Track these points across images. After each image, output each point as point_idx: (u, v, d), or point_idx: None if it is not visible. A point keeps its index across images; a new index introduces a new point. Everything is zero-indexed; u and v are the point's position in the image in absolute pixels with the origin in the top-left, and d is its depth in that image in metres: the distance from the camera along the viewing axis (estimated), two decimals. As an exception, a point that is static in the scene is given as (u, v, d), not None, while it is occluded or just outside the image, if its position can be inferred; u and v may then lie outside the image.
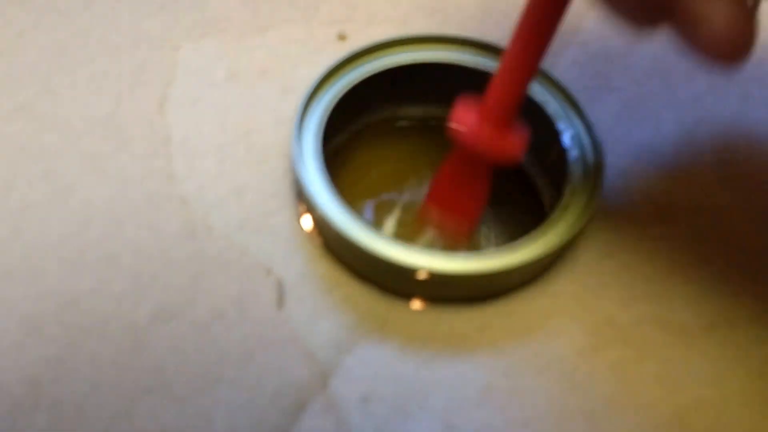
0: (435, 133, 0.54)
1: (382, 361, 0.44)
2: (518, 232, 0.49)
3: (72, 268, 0.46)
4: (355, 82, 0.51)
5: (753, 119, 0.53)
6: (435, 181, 0.49)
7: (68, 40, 0.55)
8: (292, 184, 0.49)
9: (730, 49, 0.34)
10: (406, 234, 0.51)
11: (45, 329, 0.44)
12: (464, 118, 0.44)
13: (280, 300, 0.45)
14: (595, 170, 0.48)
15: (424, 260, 0.44)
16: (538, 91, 0.50)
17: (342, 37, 0.57)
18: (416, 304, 0.46)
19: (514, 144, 0.44)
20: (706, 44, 0.34)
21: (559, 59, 0.56)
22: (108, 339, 0.44)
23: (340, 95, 0.50)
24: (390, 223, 0.51)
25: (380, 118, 0.55)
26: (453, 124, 0.44)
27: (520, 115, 0.44)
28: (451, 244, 0.50)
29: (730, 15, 0.34)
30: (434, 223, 0.50)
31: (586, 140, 0.49)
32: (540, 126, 0.49)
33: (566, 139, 0.49)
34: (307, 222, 0.48)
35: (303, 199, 0.47)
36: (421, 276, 0.44)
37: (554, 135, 0.49)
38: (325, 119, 0.49)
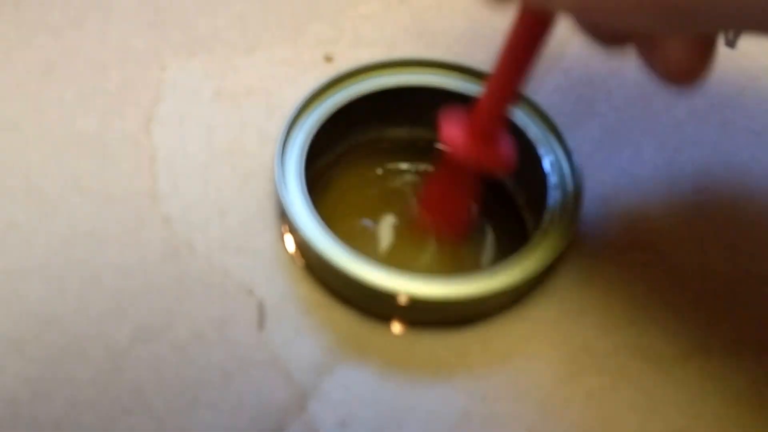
0: (420, 155, 0.54)
1: (361, 385, 0.44)
2: (502, 254, 0.49)
3: (54, 288, 0.46)
4: (341, 104, 0.51)
5: (732, 146, 0.53)
6: (426, 189, 0.50)
7: (57, 58, 0.56)
8: (276, 204, 0.50)
9: (684, 77, 0.37)
10: (403, 245, 0.51)
11: (25, 349, 0.44)
12: (453, 132, 0.45)
13: (261, 321, 0.46)
14: (574, 197, 0.48)
15: (404, 285, 0.44)
16: (519, 116, 0.51)
17: (328, 59, 0.58)
18: (396, 328, 0.46)
19: (502, 154, 0.45)
20: (662, 70, 0.37)
21: (542, 84, 0.56)
22: (88, 359, 0.44)
23: (325, 117, 0.51)
24: (386, 234, 0.51)
25: (366, 140, 0.55)
26: (443, 138, 0.45)
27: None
28: (448, 247, 0.50)
29: (682, 49, 0.36)
30: (429, 229, 0.51)
31: (565, 166, 0.49)
32: (522, 150, 0.50)
33: (546, 164, 0.49)
34: (289, 243, 0.48)
35: (285, 220, 0.48)
36: (401, 300, 0.44)
37: (536, 160, 0.50)
38: (309, 140, 0.49)
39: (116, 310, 0.45)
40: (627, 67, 0.56)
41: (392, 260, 0.49)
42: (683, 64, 0.37)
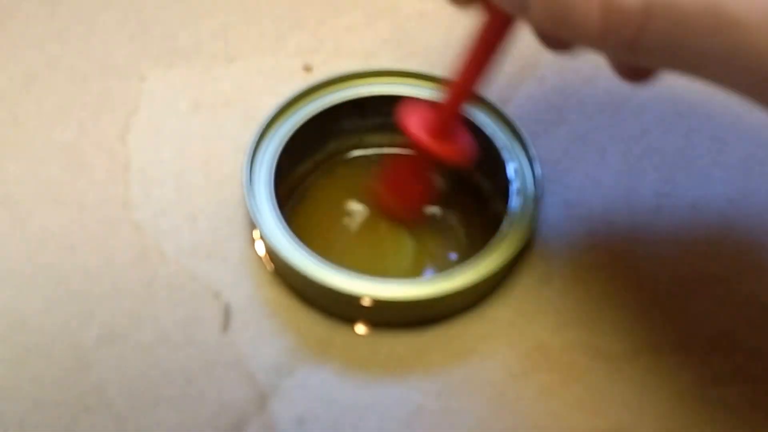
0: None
1: (321, 384, 0.45)
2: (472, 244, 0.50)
3: (22, 290, 0.47)
4: (315, 112, 0.52)
5: (696, 153, 0.54)
6: (387, 171, 0.52)
7: (39, 70, 0.57)
8: (247, 211, 0.50)
9: (631, 80, 0.41)
10: (374, 242, 0.52)
11: (-8, 349, 0.45)
12: (412, 122, 0.47)
13: (225, 324, 0.47)
14: (534, 202, 0.49)
15: (367, 287, 0.45)
16: (488, 124, 0.52)
17: (308, 69, 0.59)
18: (359, 329, 0.47)
19: (458, 147, 0.47)
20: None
21: (516, 92, 0.57)
22: (53, 358, 0.45)
23: (298, 124, 0.52)
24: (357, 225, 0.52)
25: (341, 148, 0.56)
26: (403, 128, 0.47)
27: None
28: (401, 223, 0.52)
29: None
30: (386, 210, 0.52)
31: (528, 173, 0.50)
32: (489, 156, 0.51)
33: (510, 170, 0.50)
34: (259, 247, 0.49)
35: (256, 226, 0.49)
36: (365, 302, 0.45)
37: (501, 166, 0.51)
38: (281, 148, 0.50)
39: (83, 312, 0.47)
40: (599, 76, 0.57)
41: (362, 258, 0.50)
42: (627, 75, 0.41)
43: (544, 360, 0.46)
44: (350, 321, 0.47)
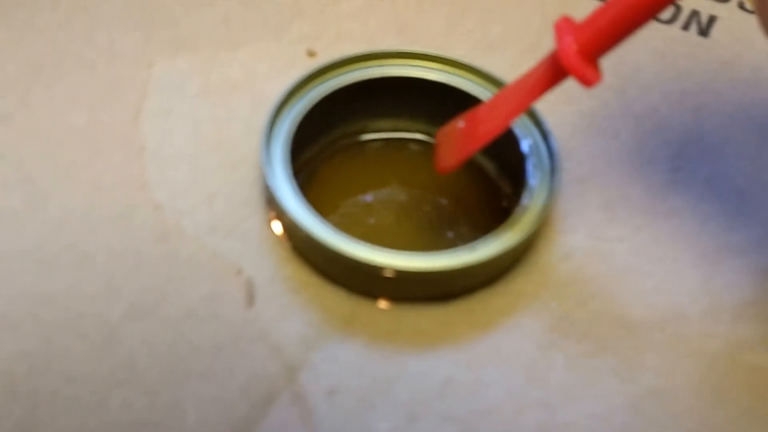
0: (402, 146, 0.56)
1: (349, 357, 0.45)
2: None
3: (47, 270, 0.47)
4: (324, 93, 0.53)
5: (705, 129, 0.55)
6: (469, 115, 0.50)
7: (45, 57, 0.57)
8: (262, 191, 0.51)
9: None
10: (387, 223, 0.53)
11: (20, 326, 0.45)
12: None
13: (250, 299, 0.47)
14: (551, 175, 0.49)
15: (389, 259, 0.45)
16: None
17: (312, 54, 0.59)
18: (382, 304, 0.47)
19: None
20: None
21: (522, 70, 0.57)
22: (82, 335, 0.45)
23: (309, 106, 0.52)
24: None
25: (350, 131, 0.56)
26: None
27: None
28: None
29: None
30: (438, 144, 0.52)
31: (542, 148, 0.51)
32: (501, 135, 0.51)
33: (525, 146, 0.51)
34: (277, 227, 0.50)
35: (272, 205, 0.49)
36: (387, 274, 0.45)
37: (514, 143, 0.51)
38: (293, 129, 0.51)
39: (109, 290, 0.46)
40: (605, 59, 0.58)
41: (379, 236, 0.50)
42: None
43: (572, 331, 0.46)
44: (373, 296, 0.48)
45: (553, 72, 0.44)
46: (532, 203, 0.48)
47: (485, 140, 0.48)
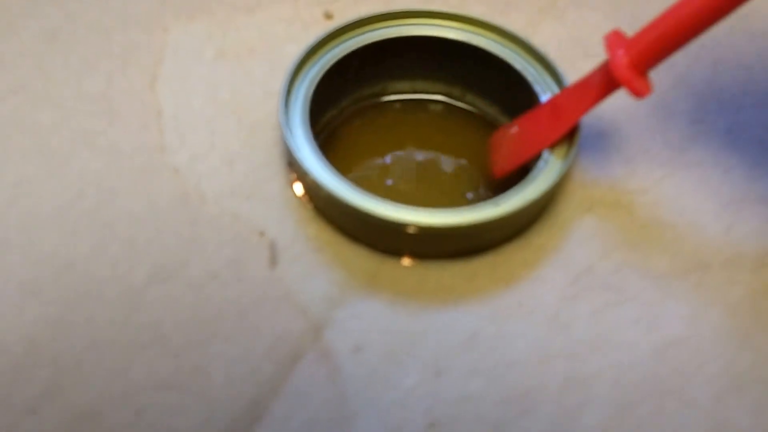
0: (421, 107, 0.55)
1: (373, 314, 0.45)
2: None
3: (68, 235, 0.47)
4: (341, 55, 0.52)
5: (724, 82, 0.55)
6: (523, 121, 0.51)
7: (60, 25, 0.57)
8: (282, 153, 0.51)
9: None
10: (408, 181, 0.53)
11: (43, 292, 0.45)
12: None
13: (273, 260, 0.47)
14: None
15: (412, 215, 0.45)
16: (516, 59, 0.52)
17: (328, 16, 0.59)
18: (405, 261, 0.47)
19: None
20: None
21: (539, 28, 0.57)
22: (105, 299, 0.45)
23: (327, 68, 0.52)
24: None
25: (369, 93, 0.56)
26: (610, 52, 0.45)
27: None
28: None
29: None
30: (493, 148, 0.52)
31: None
32: (519, 91, 0.51)
33: (544, 100, 0.50)
34: (298, 188, 0.49)
35: (293, 167, 0.49)
36: (410, 230, 0.45)
37: (533, 98, 0.51)
38: (312, 90, 0.50)
39: (130, 254, 0.46)
40: (620, 10, 0.57)
41: (401, 195, 0.50)
42: None
43: (595, 282, 0.46)
44: (396, 254, 0.48)
45: (605, 83, 0.46)
46: (552, 158, 0.48)
47: (538, 149, 0.49)
